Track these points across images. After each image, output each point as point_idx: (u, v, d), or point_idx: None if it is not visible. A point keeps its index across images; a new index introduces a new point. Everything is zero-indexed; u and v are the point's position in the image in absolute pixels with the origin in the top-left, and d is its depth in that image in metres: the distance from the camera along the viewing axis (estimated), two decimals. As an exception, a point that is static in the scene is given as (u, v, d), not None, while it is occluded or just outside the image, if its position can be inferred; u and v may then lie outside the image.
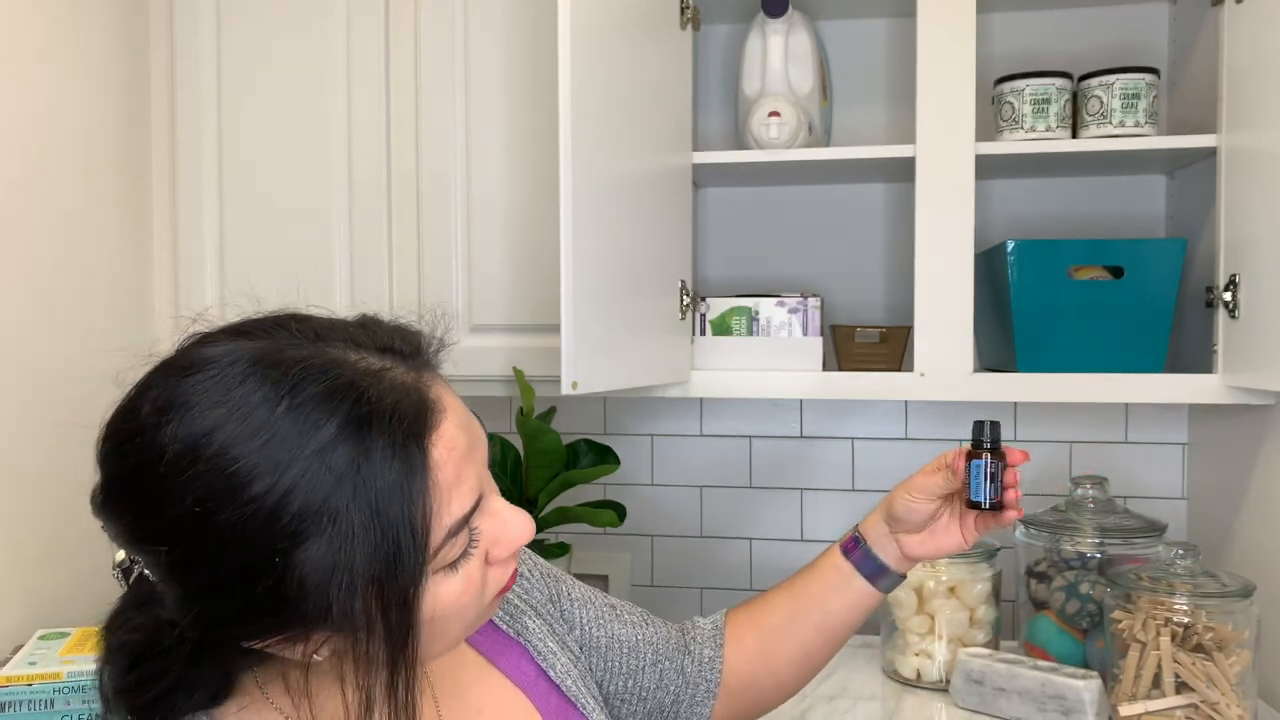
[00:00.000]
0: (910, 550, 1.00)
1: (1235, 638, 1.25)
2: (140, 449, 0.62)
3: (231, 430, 0.59)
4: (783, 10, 1.56)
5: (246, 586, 0.59)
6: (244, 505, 0.58)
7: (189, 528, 0.60)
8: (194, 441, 0.60)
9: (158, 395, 0.63)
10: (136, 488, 0.63)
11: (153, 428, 0.62)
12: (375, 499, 0.60)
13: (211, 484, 0.59)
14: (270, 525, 0.59)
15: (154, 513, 0.62)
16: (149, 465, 0.61)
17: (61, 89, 1.48)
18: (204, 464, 0.59)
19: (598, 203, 1.27)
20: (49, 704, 1.24)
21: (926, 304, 1.49)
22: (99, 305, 1.56)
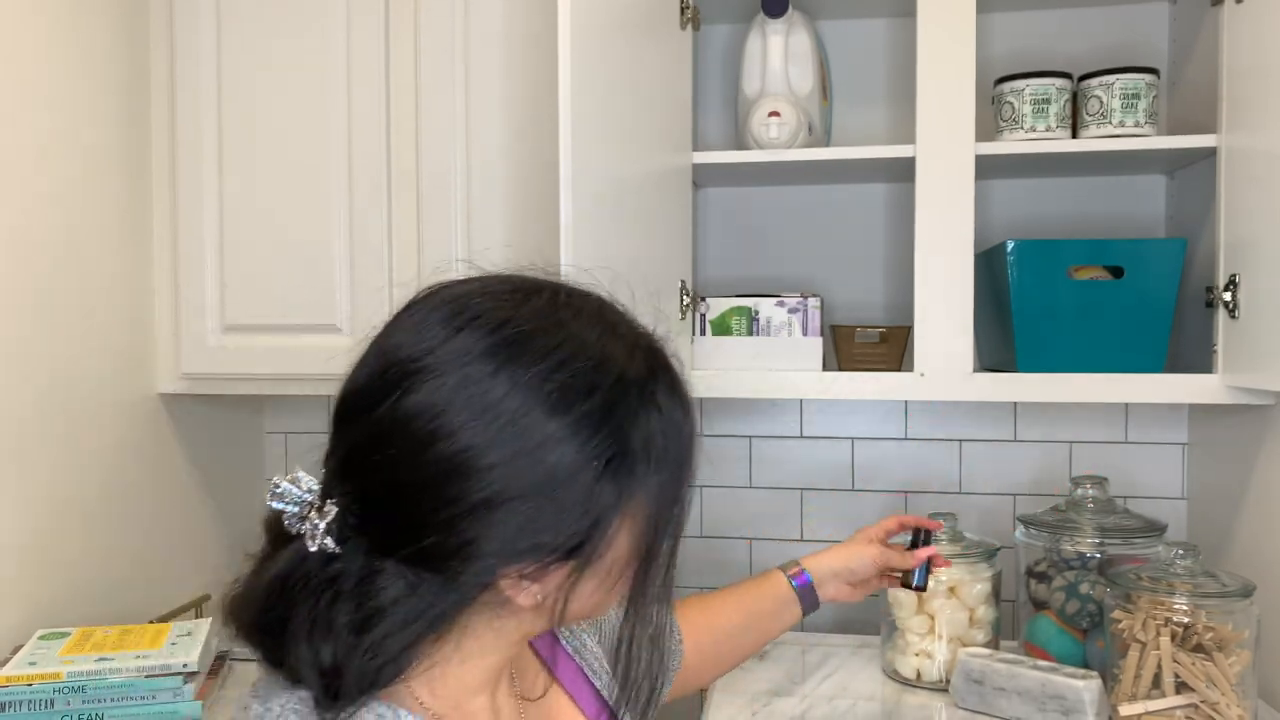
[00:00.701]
0: (838, 596, 1.24)
1: (1235, 638, 1.25)
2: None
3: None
4: (783, 10, 1.56)
5: (534, 518, 0.64)
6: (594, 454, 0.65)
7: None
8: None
9: (402, 361, 0.66)
10: (392, 456, 0.65)
11: (402, 399, 0.65)
12: (666, 430, 0.68)
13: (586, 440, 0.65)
14: (556, 472, 0.64)
15: (427, 466, 0.64)
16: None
17: (61, 89, 1.48)
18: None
19: (597, 203, 1.27)
20: (49, 704, 1.24)
21: (926, 304, 1.49)
22: (99, 305, 1.56)
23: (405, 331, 0.68)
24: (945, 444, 1.82)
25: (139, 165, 1.65)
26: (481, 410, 0.63)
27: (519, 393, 0.63)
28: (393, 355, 0.66)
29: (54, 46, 1.46)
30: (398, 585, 0.65)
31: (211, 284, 1.67)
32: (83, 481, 1.52)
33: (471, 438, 0.63)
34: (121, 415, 1.61)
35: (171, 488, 1.74)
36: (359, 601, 0.64)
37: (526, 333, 0.66)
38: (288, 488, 0.66)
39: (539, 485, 0.63)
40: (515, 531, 0.64)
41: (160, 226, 1.69)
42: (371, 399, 0.66)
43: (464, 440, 0.63)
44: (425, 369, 0.64)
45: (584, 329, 0.68)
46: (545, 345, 0.65)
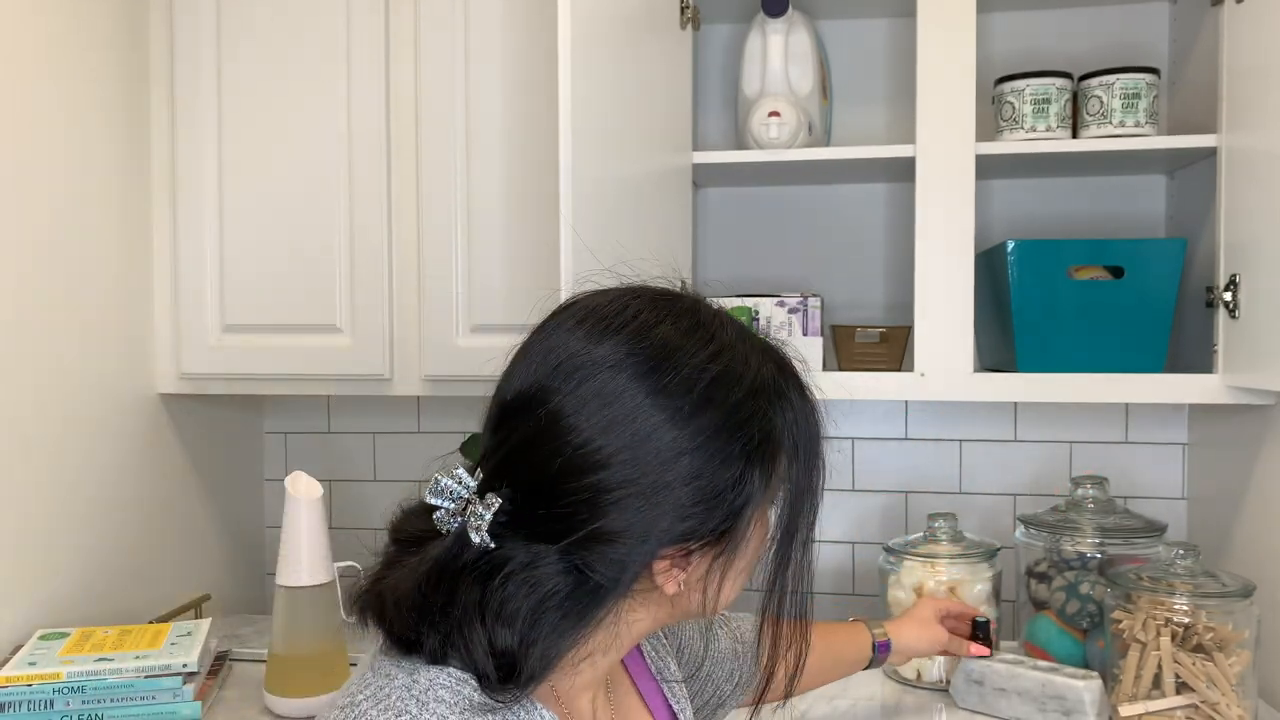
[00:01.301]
0: (910, 654, 1.33)
1: (1235, 638, 1.25)
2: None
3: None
4: (783, 10, 1.56)
5: (701, 501, 0.69)
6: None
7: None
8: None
9: (578, 362, 0.70)
10: (548, 455, 0.69)
11: (553, 411, 0.70)
12: (807, 422, 0.77)
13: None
14: (718, 466, 0.70)
15: (583, 462, 0.69)
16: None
17: (61, 89, 1.48)
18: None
19: (597, 202, 1.27)
20: (49, 704, 1.24)
21: (926, 304, 1.49)
22: (99, 306, 1.56)
23: (559, 338, 0.72)
24: (945, 444, 1.82)
25: (139, 165, 1.65)
26: (633, 413, 0.68)
27: (666, 395, 0.69)
28: (552, 359, 0.71)
29: (54, 46, 1.46)
30: (560, 572, 0.68)
31: (211, 284, 1.67)
32: (83, 481, 1.52)
33: (625, 437, 0.68)
34: (121, 415, 1.61)
35: (171, 488, 1.74)
36: (531, 587, 0.67)
37: (673, 338, 0.72)
38: (448, 483, 0.70)
39: (691, 474, 0.69)
40: (674, 515, 0.68)
41: (160, 226, 1.69)
42: (532, 400, 0.71)
43: (617, 440, 0.68)
44: (580, 370, 0.69)
45: (725, 331, 0.74)
46: (691, 349, 0.71)
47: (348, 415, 2.02)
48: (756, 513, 0.73)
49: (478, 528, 0.68)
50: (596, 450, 0.68)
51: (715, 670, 1.07)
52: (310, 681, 1.37)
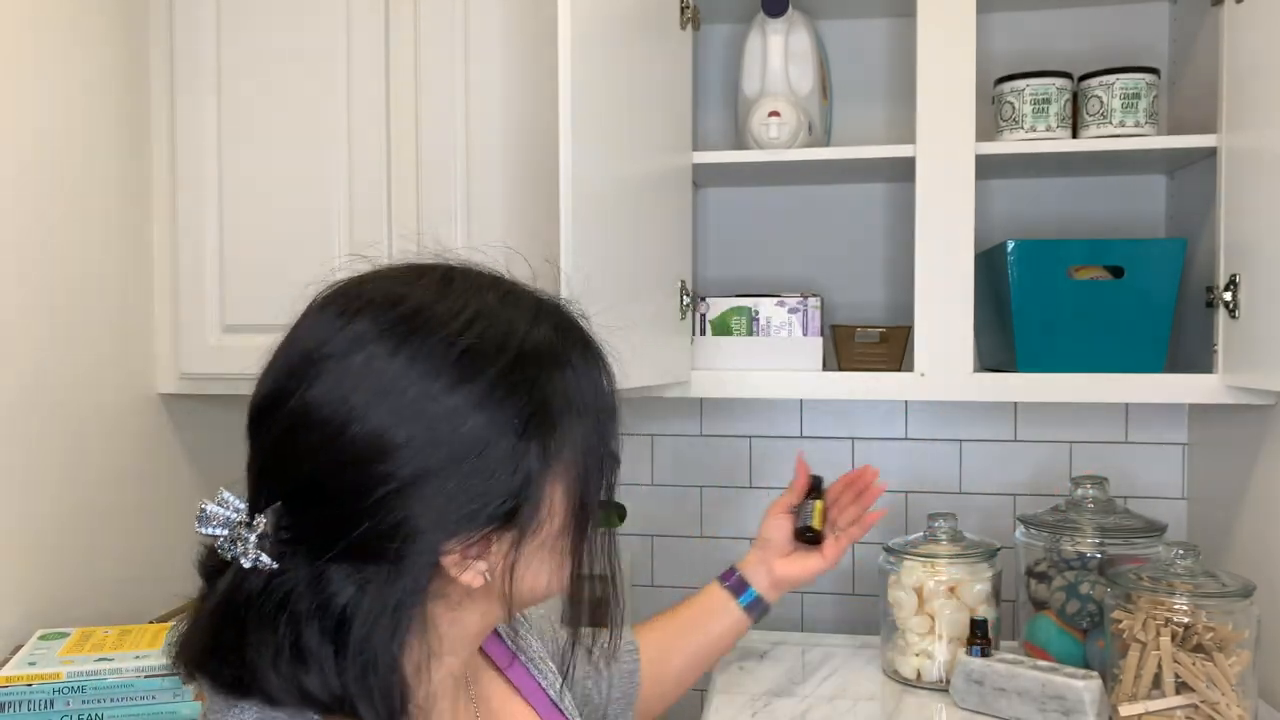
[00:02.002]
0: (779, 574, 1.25)
1: (1235, 638, 1.25)
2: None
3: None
4: (783, 10, 1.56)
5: (464, 488, 0.64)
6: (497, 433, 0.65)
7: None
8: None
9: (321, 342, 0.67)
10: (311, 447, 0.64)
11: (309, 388, 0.65)
12: (581, 389, 0.69)
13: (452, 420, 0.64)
14: (476, 439, 0.64)
15: (344, 448, 0.64)
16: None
17: (60, 88, 1.48)
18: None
19: (597, 202, 1.27)
20: (48, 704, 1.24)
21: (926, 304, 1.49)
22: (99, 306, 1.56)
23: (304, 329, 0.69)
24: (945, 444, 1.82)
25: (139, 164, 1.65)
26: (387, 388, 0.63)
27: (422, 365, 0.63)
28: (294, 351, 0.67)
29: (53, 45, 1.46)
30: (347, 587, 0.63)
31: (211, 284, 1.67)
32: (82, 482, 1.52)
33: (382, 417, 0.62)
34: (121, 415, 1.61)
35: (171, 488, 1.74)
36: (318, 616, 0.63)
37: (423, 305, 0.66)
38: (214, 509, 0.65)
39: (460, 453, 0.63)
40: (446, 503, 0.63)
41: (160, 226, 1.69)
42: (279, 398, 0.66)
43: (375, 420, 0.62)
44: (326, 357, 0.65)
45: (482, 297, 0.68)
46: (444, 314, 0.66)
47: (348, 415, 2.01)
48: (549, 487, 0.67)
49: (245, 554, 0.63)
50: (350, 442, 0.62)
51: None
52: (310, 681, 1.37)
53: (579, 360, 0.70)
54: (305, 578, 0.63)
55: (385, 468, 0.62)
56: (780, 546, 1.26)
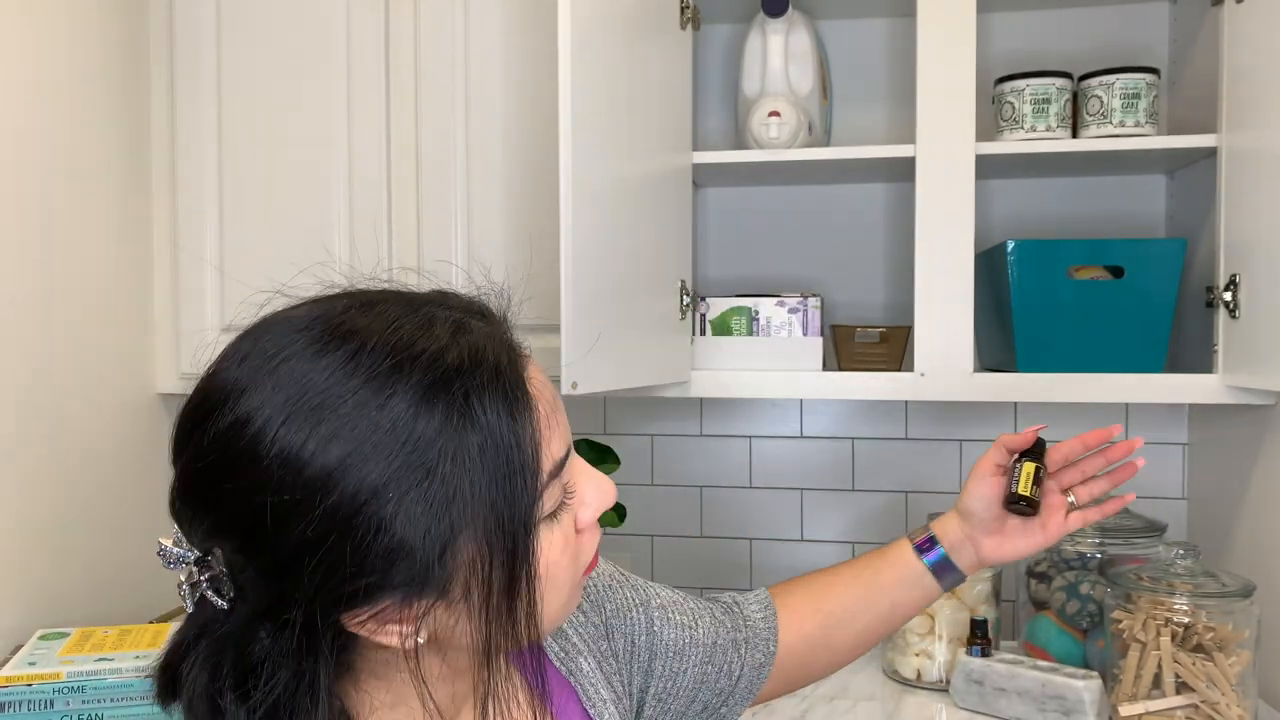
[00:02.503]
0: (987, 553, 1.00)
1: (1235, 638, 1.25)
2: (218, 443, 0.59)
3: (304, 409, 0.58)
4: (783, 10, 1.56)
5: (348, 552, 0.57)
6: (326, 488, 0.57)
7: (282, 512, 0.57)
8: (268, 430, 0.58)
9: (221, 382, 0.60)
10: (217, 480, 0.59)
11: (221, 416, 0.59)
12: (486, 435, 0.59)
13: (289, 471, 0.57)
14: (359, 495, 0.56)
15: (238, 501, 0.58)
16: (228, 460, 0.59)
17: (60, 88, 1.48)
18: (278, 451, 0.57)
19: (597, 203, 1.27)
20: (49, 704, 1.24)
21: (926, 304, 1.49)
22: (99, 305, 1.56)
23: (220, 361, 0.63)
24: (945, 444, 1.82)
25: (139, 164, 1.65)
26: (260, 452, 0.57)
27: (296, 420, 0.57)
28: (208, 381, 0.62)
29: (53, 45, 1.46)
30: (263, 646, 0.59)
31: (211, 284, 1.67)
32: (83, 481, 1.52)
33: (263, 481, 0.57)
34: (121, 415, 1.61)
35: (171, 488, 1.74)
36: (239, 672, 0.60)
37: (302, 351, 0.59)
38: (168, 548, 0.62)
39: (341, 520, 0.56)
40: (326, 577, 0.57)
41: (160, 226, 1.69)
42: (184, 436, 0.62)
43: (259, 487, 0.57)
44: (228, 395, 0.60)
45: (380, 331, 0.60)
46: (330, 362, 0.58)
47: (348, 415, 2.01)
48: (459, 545, 0.59)
49: (183, 597, 0.61)
50: (240, 505, 0.58)
51: (659, 663, 0.92)
52: (310, 681, 1.37)
53: (480, 405, 0.59)
54: (236, 630, 0.60)
55: (272, 538, 0.58)
56: (986, 521, 0.99)
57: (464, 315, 0.64)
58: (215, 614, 0.61)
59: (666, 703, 0.92)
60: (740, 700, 0.96)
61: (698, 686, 0.93)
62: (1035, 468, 0.98)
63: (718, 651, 0.94)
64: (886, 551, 1.02)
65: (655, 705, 0.91)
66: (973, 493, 1.00)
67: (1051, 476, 1.00)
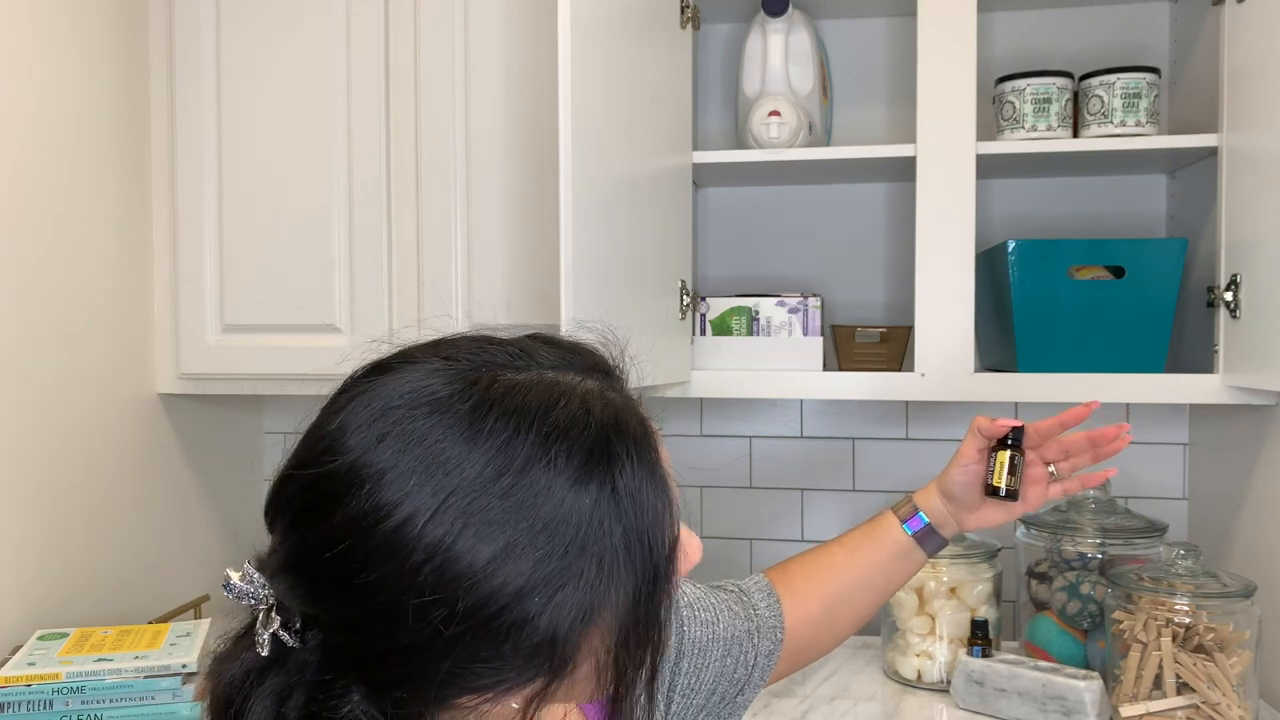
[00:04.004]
0: (968, 525, 1.07)
1: (1236, 638, 1.25)
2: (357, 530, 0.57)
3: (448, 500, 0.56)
4: (783, 9, 1.56)
5: (481, 647, 0.56)
6: (474, 578, 0.55)
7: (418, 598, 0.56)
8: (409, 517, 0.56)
9: (357, 462, 0.58)
10: (349, 570, 0.57)
11: (356, 499, 0.57)
12: (633, 531, 0.58)
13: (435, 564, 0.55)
14: (504, 594, 0.55)
15: (369, 592, 0.56)
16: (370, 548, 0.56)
17: (60, 88, 1.48)
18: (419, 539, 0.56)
19: (597, 202, 1.27)
20: (48, 704, 1.24)
21: (926, 304, 1.48)
22: (99, 306, 1.55)
23: (350, 435, 0.60)
24: (945, 444, 1.82)
25: (138, 164, 1.65)
26: (406, 546, 0.55)
27: (447, 515, 0.56)
28: (339, 459, 0.60)
29: (53, 45, 1.46)
30: (355, 708, 0.58)
31: (211, 284, 1.67)
32: (82, 482, 1.52)
33: (405, 576, 0.55)
34: (121, 415, 1.61)
35: (171, 488, 1.74)
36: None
37: (448, 438, 0.57)
38: (240, 586, 0.60)
39: (483, 618, 0.56)
40: (456, 666, 0.56)
41: (160, 226, 1.69)
42: (303, 512, 0.60)
43: (399, 580, 0.56)
44: (366, 479, 0.57)
45: (530, 416, 0.59)
46: (481, 455, 0.57)
47: (347, 415, 2.01)
48: (587, 640, 0.59)
49: (261, 644, 0.58)
50: (376, 593, 0.56)
51: (683, 661, 0.96)
52: (310, 682, 1.37)
53: (628, 495, 0.59)
54: (310, 679, 0.59)
55: (406, 623, 0.56)
56: (965, 503, 1.06)
57: (602, 387, 0.64)
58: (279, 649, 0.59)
59: (690, 697, 0.96)
60: (754, 687, 1.00)
61: (718, 679, 0.97)
62: (1010, 456, 1.02)
63: (735, 644, 0.99)
64: (875, 529, 1.08)
65: (681, 701, 0.95)
66: (953, 478, 1.06)
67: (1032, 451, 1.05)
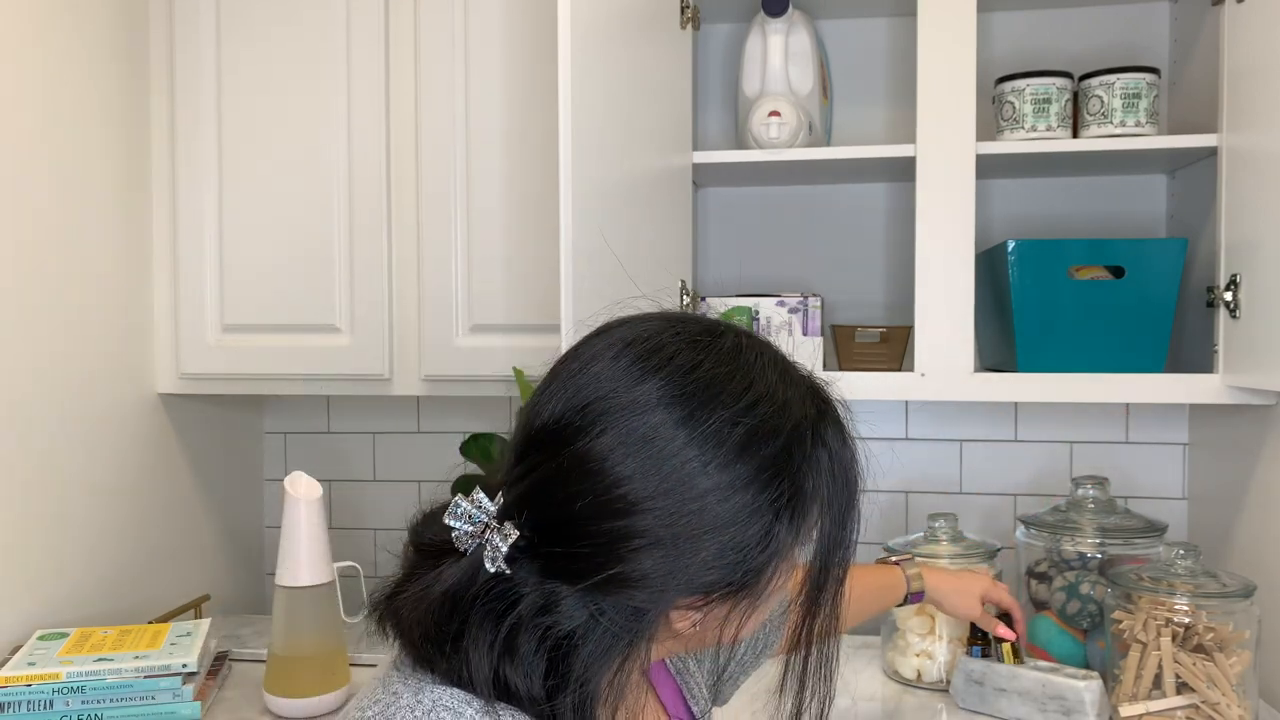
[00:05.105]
0: (938, 608, 1.37)
1: (1236, 638, 1.25)
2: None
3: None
4: (783, 10, 1.56)
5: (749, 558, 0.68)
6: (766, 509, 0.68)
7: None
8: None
9: (604, 402, 0.68)
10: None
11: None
12: (836, 478, 0.74)
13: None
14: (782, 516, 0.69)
15: (603, 510, 0.67)
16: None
17: (61, 89, 1.48)
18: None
19: (597, 202, 1.27)
20: (48, 704, 1.24)
21: (926, 304, 1.48)
22: (99, 305, 1.56)
23: (595, 370, 0.70)
24: (945, 444, 1.82)
25: (139, 165, 1.65)
26: (664, 456, 0.66)
27: (701, 441, 0.67)
28: (585, 395, 0.69)
29: (53, 46, 1.46)
30: (580, 615, 0.67)
31: (211, 284, 1.67)
32: (82, 481, 1.52)
33: (654, 482, 0.66)
34: (121, 415, 1.61)
35: (171, 488, 1.74)
36: (542, 630, 0.66)
37: (715, 379, 0.69)
38: (467, 507, 0.69)
39: (721, 525, 0.67)
40: (698, 567, 0.67)
41: (160, 226, 1.69)
42: (561, 437, 0.69)
43: (645, 486, 0.66)
44: (616, 411, 0.68)
45: (765, 375, 0.71)
46: (733, 392, 0.69)
47: (347, 415, 2.02)
48: (784, 564, 0.72)
49: (493, 558, 0.67)
50: (621, 497, 0.66)
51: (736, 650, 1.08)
52: (310, 682, 1.37)
53: (838, 447, 0.74)
54: (536, 596, 0.67)
55: (645, 524, 0.66)
56: (951, 611, 1.35)
57: (802, 372, 0.76)
58: (486, 576, 0.67)
59: (734, 679, 1.07)
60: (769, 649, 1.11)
61: (753, 660, 1.09)
62: (1013, 647, 1.36)
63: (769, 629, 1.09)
64: (883, 572, 1.30)
65: (727, 680, 1.06)
66: (954, 610, 1.34)
67: None
